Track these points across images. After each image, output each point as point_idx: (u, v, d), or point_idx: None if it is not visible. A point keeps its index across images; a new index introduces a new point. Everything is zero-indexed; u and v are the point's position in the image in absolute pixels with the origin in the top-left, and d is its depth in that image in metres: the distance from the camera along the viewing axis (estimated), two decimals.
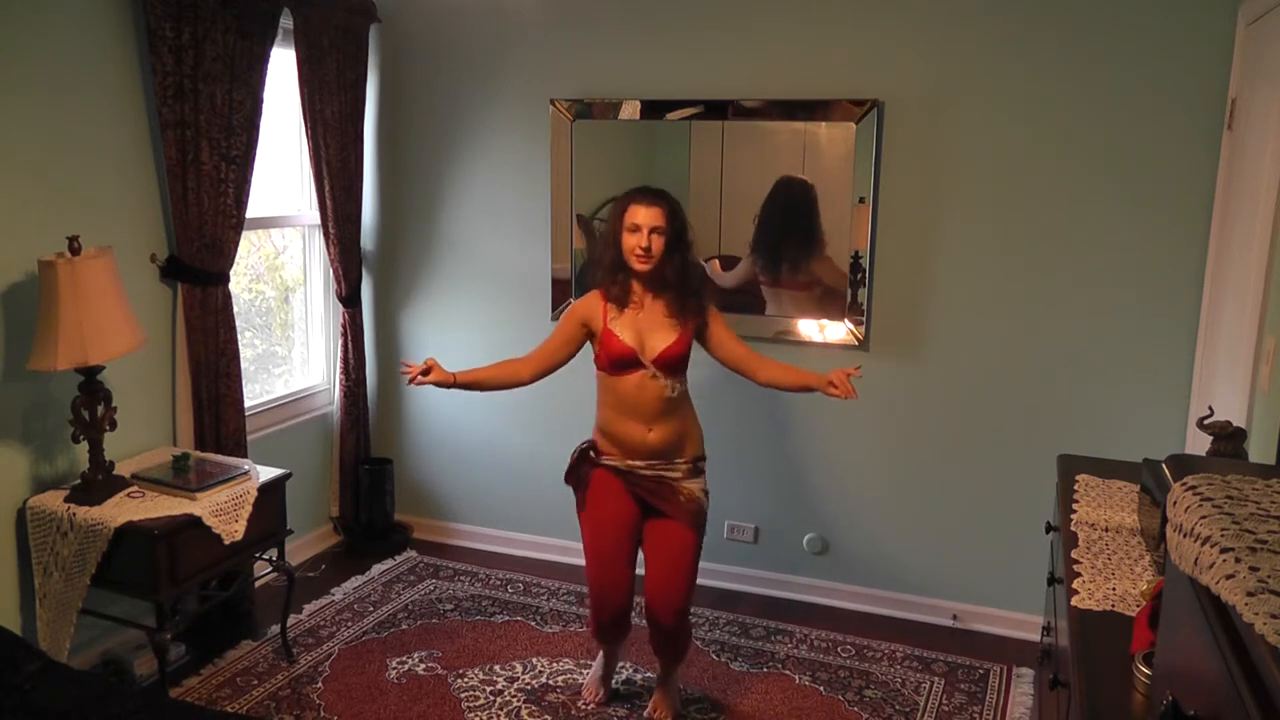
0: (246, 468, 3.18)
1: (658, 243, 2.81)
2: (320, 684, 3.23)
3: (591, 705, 3.13)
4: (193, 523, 2.90)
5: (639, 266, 2.83)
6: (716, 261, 3.81)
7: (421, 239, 4.29)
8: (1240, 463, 2.08)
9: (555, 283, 4.07)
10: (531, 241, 4.09)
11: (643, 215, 2.81)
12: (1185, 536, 1.09)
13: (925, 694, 3.29)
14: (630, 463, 2.89)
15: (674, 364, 2.85)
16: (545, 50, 3.96)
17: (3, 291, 2.86)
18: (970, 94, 3.47)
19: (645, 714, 3.08)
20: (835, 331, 3.72)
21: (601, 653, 3.19)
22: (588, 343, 2.94)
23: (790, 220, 3.72)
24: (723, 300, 3.63)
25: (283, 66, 3.83)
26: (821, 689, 3.29)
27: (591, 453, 2.97)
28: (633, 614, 3.05)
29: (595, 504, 2.94)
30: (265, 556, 3.31)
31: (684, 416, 2.92)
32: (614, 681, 3.21)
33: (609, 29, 3.87)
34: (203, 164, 3.30)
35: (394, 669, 3.33)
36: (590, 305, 2.92)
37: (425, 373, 2.82)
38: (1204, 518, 1.07)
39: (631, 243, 2.81)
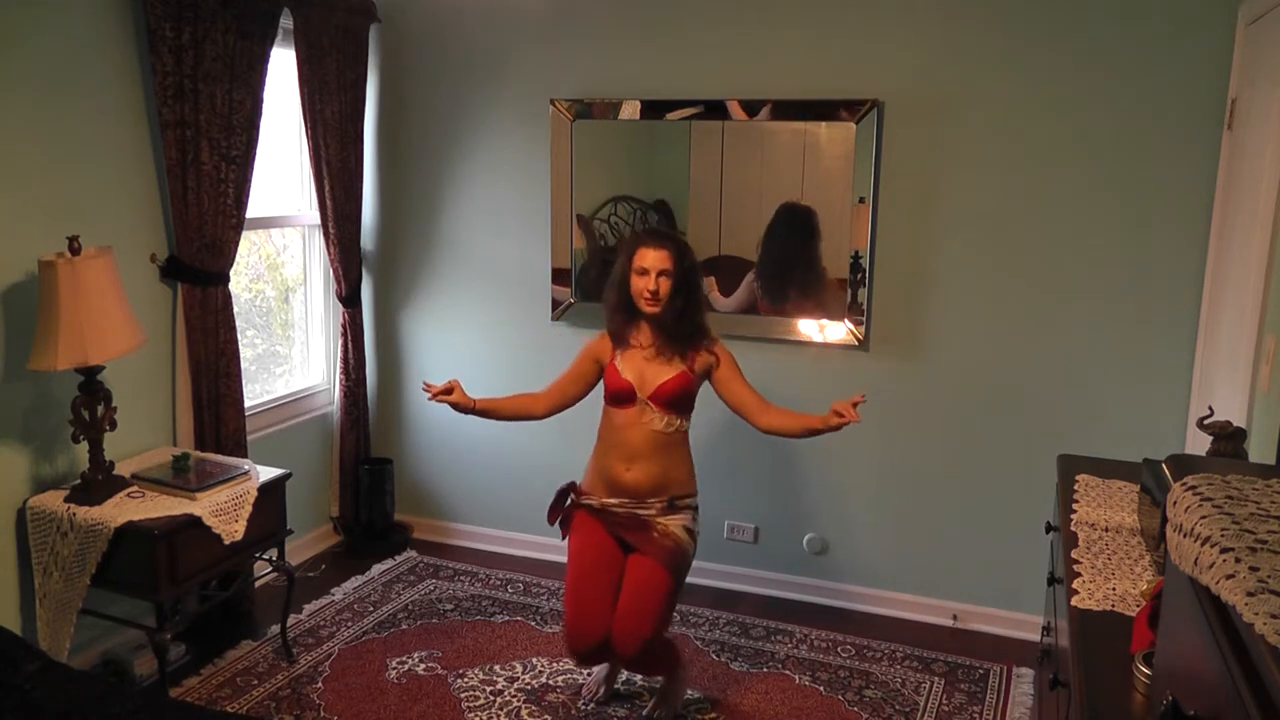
0: (246, 468, 3.18)
1: (665, 285, 2.86)
2: (320, 684, 3.23)
3: (591, 705, 3.13)
4: (193, 523, 2.90)
5: (647, 309, 2.89)
6: (713, 279, 3.80)
7: (421, 239, 4.29)
8: (1240, 463, 2.07)
9: (555, 282, 4.07)
10: (531, 241, 4.09)
11: (651, 258, 2.85)
12: (1185, 536, 1.09)
13: (925, 694, 3.29)
14: (605, 501, 2.95)
15: (672, 400, 2.89)
16: (545, 50, 3.96)
17: (3, 291, 2.86)
18: (970, 93, 3.47)
19: (645, 713, 3.08)
20: (835, 331, 3.72)
21: None
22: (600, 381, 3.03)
23: (791, 247, 3.72)
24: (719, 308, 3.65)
25: (283, 66, 3.83)
26: (821, 689, 3.29)
27: (571, 495, 3.05)
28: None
29: (577, 541, 2.99)
30: (265, 556, 3.31)
31: (672, 460, 2.93)
32: (615, 682, 3.21)
33: (609, 29, 3.86)
34: (203, 164, 3.30)
35: (394, 669, 3.33)
36: (602, 343, 3.02)
37: (447, 392, 2.89)
38: (1204, 518, 1.07)
39: (640, 285, 2.87)
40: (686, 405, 2.95)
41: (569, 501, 3.08)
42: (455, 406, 2.92)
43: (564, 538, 3.07)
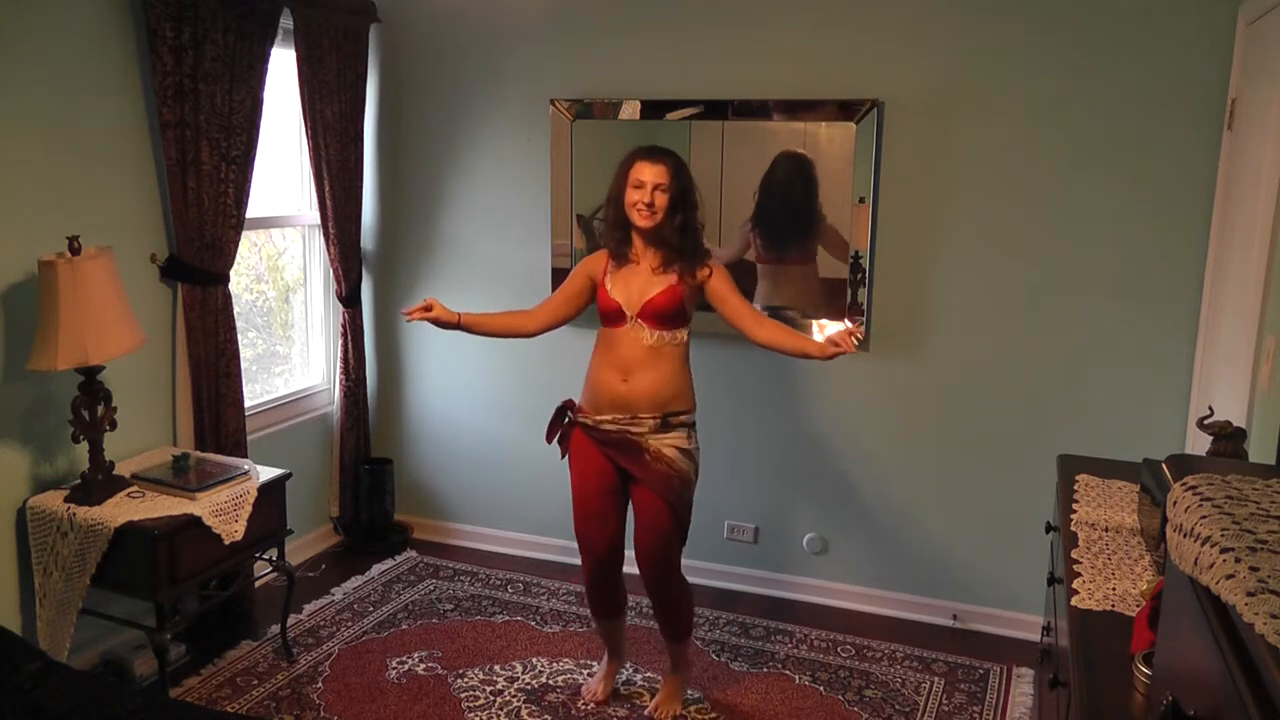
0: (246, 468, 3.18)
1: (661, 199, 2.83)
2: (320, 684, 3.23)
3: (591, 705, 3.13)
4: (193, 523, 2.91)
5: (641, 222, 2.85)
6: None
7: (421, 239, 4.29)
8: (1240, 463, 2.08)
9: (556, 282, 4.06)
10: (531, 242, 4.09)
11: (647, 172, 2.84)
12: (1185, 536, 1.09)
13: (925, 694, 3.29)
14: (598, 418, 2.92)
15: (661, 315, 2.86)
16: (545, 50, 3.96)
17: (3, 291, 2.86)
18: (970, 94, 3.47)
19: (645, 713, 3.08)
20: (835, 331, 3.71)
21: (605, 654, 3.20)
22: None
23: (789, 194, 3.70)
24: None
25: (283, 66, 3.83)
26: (821, 689, 3.29)
27: (568, 413, 3.03)
28: (627, 597, 3.11)
29: (576, 462, 3.01)
30: (265, 556, 3.31)
31: (669, 373, 2.89)
32: (615, 682, 3.21)
33: (609, 29, 3.86)
34: (203, 164, 3.30)
35: (394, 669, 3.33)
36: (596, 260, 3.01)
37: (426, 309, 2.87)
38: (1204, 518, 1.07)
39: (634, 198, 2.84)
40: (678, 319, 2.90)
41: (566, 419, 3.05)
42: (437, 323, 2.90)
43: (563, 456, 3.06)
